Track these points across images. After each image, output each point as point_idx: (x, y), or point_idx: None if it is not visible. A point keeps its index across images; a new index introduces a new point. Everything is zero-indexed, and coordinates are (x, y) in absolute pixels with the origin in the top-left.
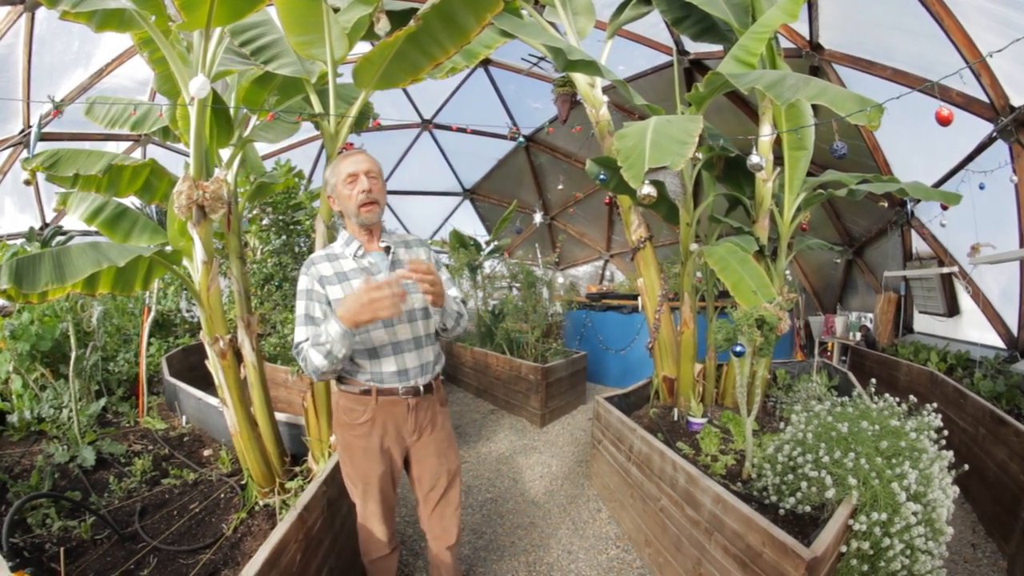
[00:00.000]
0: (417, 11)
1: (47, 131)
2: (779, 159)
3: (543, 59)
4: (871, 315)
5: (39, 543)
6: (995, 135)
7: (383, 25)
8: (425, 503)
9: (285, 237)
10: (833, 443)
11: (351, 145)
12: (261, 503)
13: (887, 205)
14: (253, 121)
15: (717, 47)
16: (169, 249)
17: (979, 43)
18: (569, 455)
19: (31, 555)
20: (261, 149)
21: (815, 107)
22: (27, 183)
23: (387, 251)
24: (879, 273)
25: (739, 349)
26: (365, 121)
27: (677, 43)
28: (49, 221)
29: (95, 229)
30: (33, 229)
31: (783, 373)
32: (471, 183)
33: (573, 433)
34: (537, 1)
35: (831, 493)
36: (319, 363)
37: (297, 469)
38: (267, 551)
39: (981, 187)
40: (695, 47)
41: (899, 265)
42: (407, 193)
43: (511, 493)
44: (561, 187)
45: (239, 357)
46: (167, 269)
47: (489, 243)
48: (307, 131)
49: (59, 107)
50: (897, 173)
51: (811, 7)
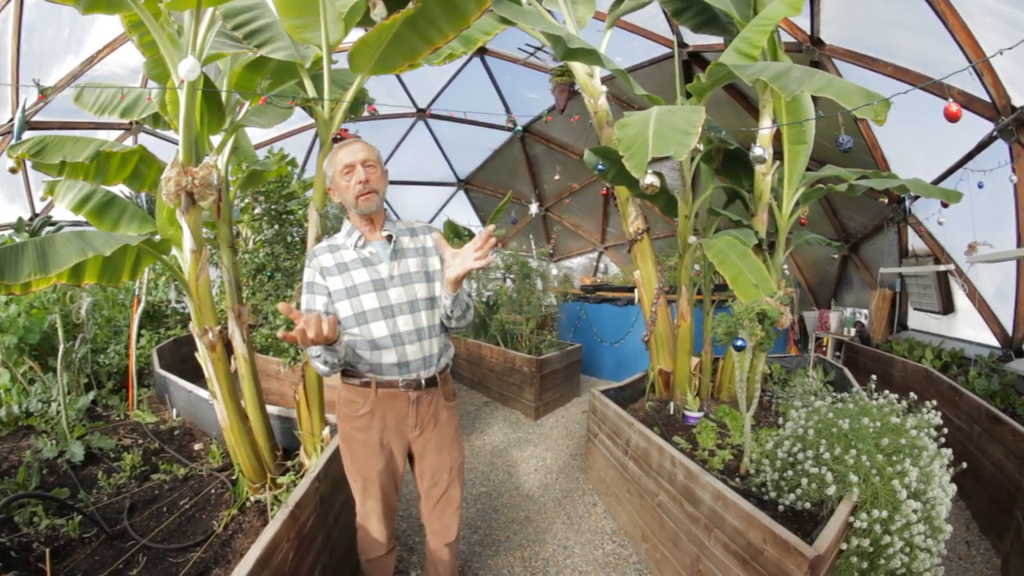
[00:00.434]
0: None
1: (37, 120)
2: (778, 154)
3: (540, 49)
4: (866, 311)
5: (26, 542)
6: (995, 134)
7: (379, 11)
8: (427, 499)
9: (278, 227)
10: (834, 439)
11: (346, 132)
12: (252, 499)
13: (887, 201)
14: (245, 107)
15: (715, 40)
16: (158, 238)
17: (983, 42)
18: (564, 448)
19: (18, 555)
20: (254, 138)
21: (815, 101)
22: (12, 171)
23: (389, 239)
24: (874, 269)
25: (740, 343)
26: (360, 107)
27: (676, 35)
28: (39, 211)
29: (85, 219)
30: (22, 219)
31: (778, 368)
32: (465, 173)
33: (568, 426)
34: None
35: (832, 490)
36: (321, 369)
37: (289, 463)
38: (258, 551)
39: (980, 186)
40: (693, 39)
41: (895, 262)
42: (401, 183)
43: (506, 487)
44: (558, 177)
45: (229, 349)
46: (156, 258)
47: None
48: (301, 120)
49: (45, 92)
50: (895, 170)
51: (813, 2)
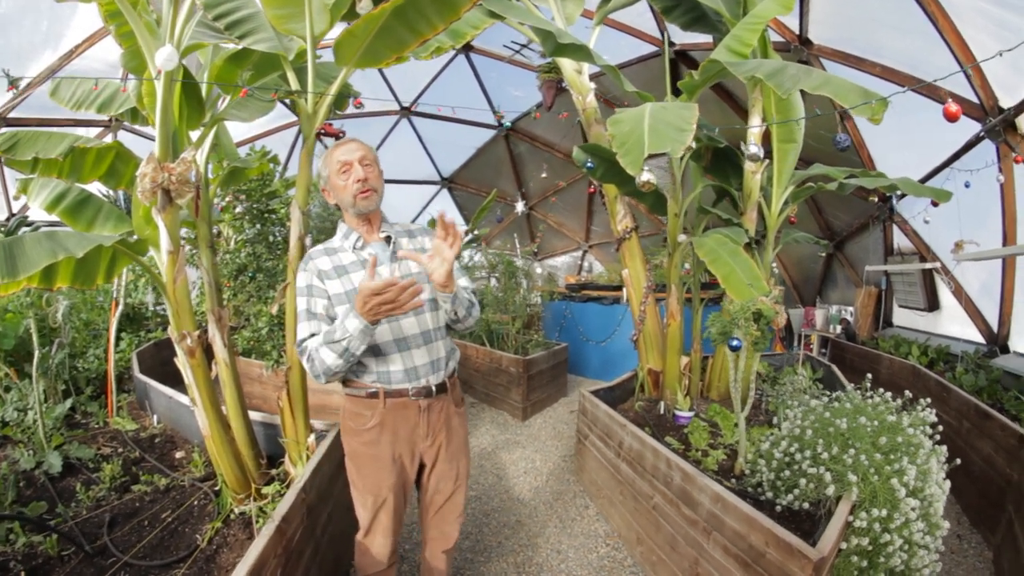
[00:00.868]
0: None
1: (13, 116)
2: (767, 152)
3: (525, 46)
4: (851, 308)
5: (2, 561)
6: (983, 135)
7: (365, 5)
8: (429, 505)
9: (260, 226)
10: (831, 439)
11: (330, 126)
12: (237, 511)
13: (878, 200)
14: (227, 101)
15: (701, 39)
16: (135, 238)
17: (972, 44)
18: (553, 450)
19: None
20: (236, 136)
21: (804, 98)
22: None
23: (388, 241)
24: (859, 267)
25: (736, 344)
26: (345, 101)
27: (662, 33)
28: (16, 211)
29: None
30: None
31: (766, 366)
32: (449, 172)
33: (556, 427)
34: None
35: (831, 490)
36: (332, 362)
37: (274, 472)
38: (245, 569)
39: (967, 185)
40: (680, 38)
41: (880, 260)
42: (384, 182)
43: (495, 491)
44: (545, 175)
45: (210, 353)
46: (132, 259)
47: (468, 232)
48: (284, 116)
49: (14, 83)
50: (881, 169)
51: (803, 1)
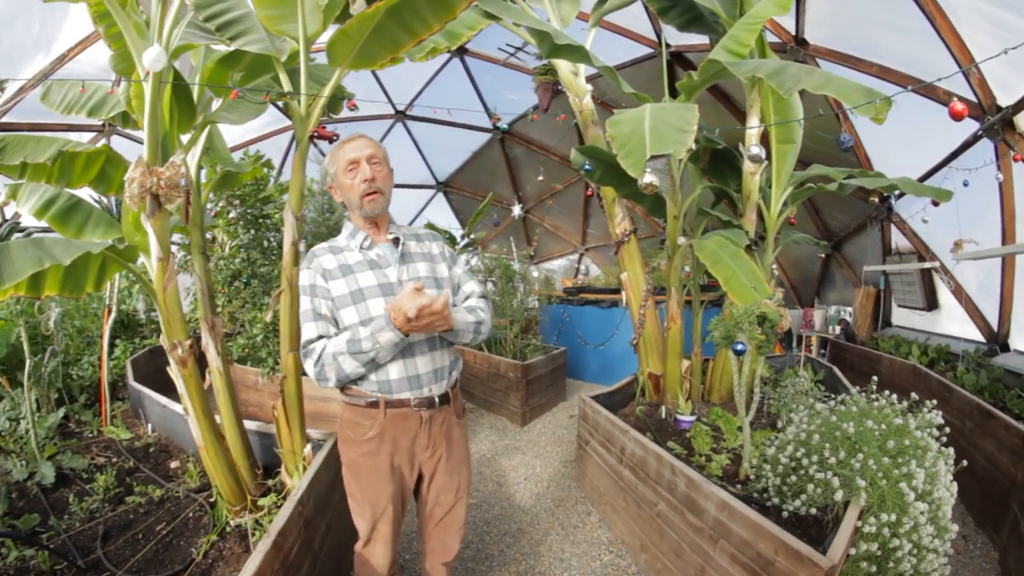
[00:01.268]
0: None
1: (5, 121)
2: (767, 154)
3: (521, 49)
4: (850, 309)
5: None
6: (981, 133)
7: (359, 6)
8: (430, 517)
9: (254, 232)
10: (838, 443)
11: (323, 128)
12: (232, 523)
13: (878, 200)
14: (220, 104)
15: (698, 40)
16: (124, 245)
17: (970, 43)
18: (553, 455)
19: None
20: (231, 140)
21: (803, 98)
22: None
23: (396, 243)
24: (857, 267)
25: (740, 348)
26: (339, 104)
27: (658, 34)
28: (9, 217)
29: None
30: None
31: (766, 368)
32: (444, 176)
33: (555, 432)
34: None
35: (839, 495)
36: (352, 371)
37: (270, 483)
38: None
39: (965, 184)
40: (675, 40)
41: (878, 259)
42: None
43: (496, 498)
44: (541, 178)
45: (204, 362)
46: (122, 267)
47: (464, 236)
48: (279, 121)
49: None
50: (878, 169)
51: (799, 1)
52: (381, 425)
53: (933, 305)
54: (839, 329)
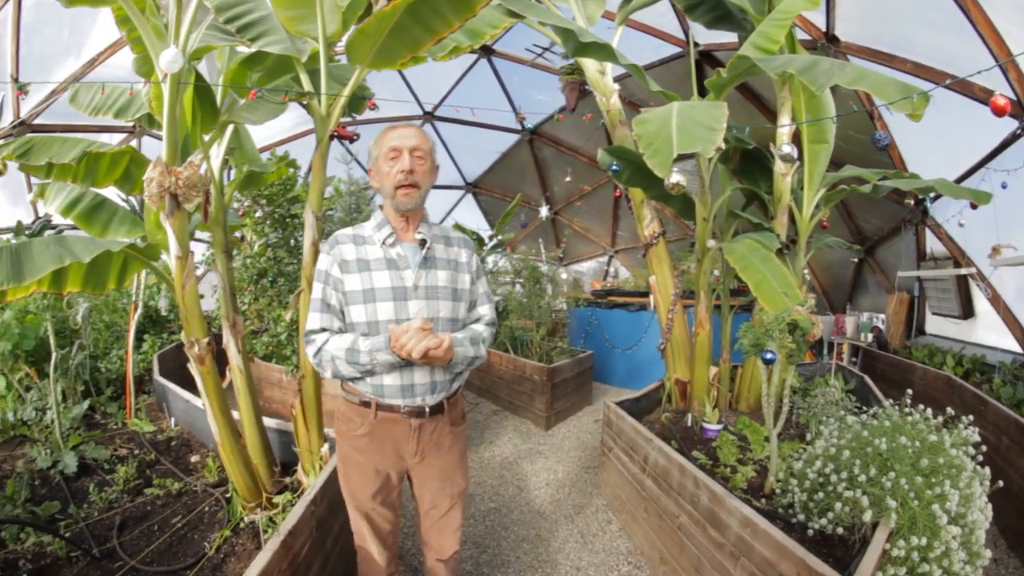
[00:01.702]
0: None
1: (39, 122)
2: (799, 154)
3: (548, 49)
4: (882, 316)
5: (13, 559)
6: (1020, 132)
7: (382, 5)
8: (425, 518)
9: (282, 231)
10: (868, 460)
11: (343, 128)
12: (247, 519)
13: (913, 203)
14: (241, 104)
15: (726, 38)
16: (146, 243)
17: (1007, 37)
18: (576, 460)
19: (3, 573)
20: (259, 141)
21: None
22: None
23: (422, 244)
24: (891, 273)
25: (769, 357)
26: (361, 104)
27: (685, 33)
28: (42, 215)
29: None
30: (21, 223)
31: (796, 376)
32: (473, 176)
33: (580, 436)
34: None
35: (868, 515)
36: (347, 373)
37: (287, 480)
38: None
39: (1004, 186)
40: (703, 38)
41: (912, 265)
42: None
43: (516, 502)
44: (569, 179)
45: (225, 359)
46: (144, 264)
47: (492, 238)
48: (308, 122)
49: (23, 88)
50: (913, 170)
51: None
52: (371, 425)
53: (969, 313)
54: (871, 336)
